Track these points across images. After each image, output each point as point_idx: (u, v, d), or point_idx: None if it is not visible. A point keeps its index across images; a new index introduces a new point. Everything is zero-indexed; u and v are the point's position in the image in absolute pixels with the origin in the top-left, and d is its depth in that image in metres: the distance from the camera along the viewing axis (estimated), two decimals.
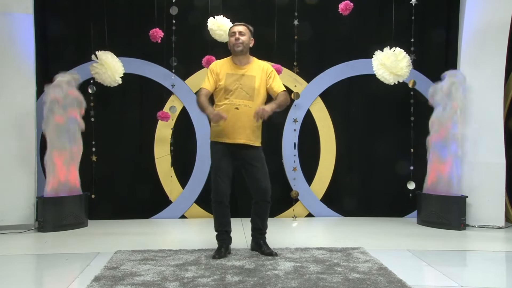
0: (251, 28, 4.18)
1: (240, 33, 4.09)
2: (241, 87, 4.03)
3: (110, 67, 5.46)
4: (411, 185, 5.96)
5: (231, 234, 4.23)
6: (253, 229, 4.27)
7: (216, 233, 4.18)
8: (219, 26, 5.34)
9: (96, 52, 5.52)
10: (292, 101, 6.00)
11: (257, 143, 4.14)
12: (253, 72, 4.11)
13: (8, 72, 5.29)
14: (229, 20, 5.40)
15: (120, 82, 5.59)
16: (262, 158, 4.16)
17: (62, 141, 5.28)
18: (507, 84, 5.81)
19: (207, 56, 5.66)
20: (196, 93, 4.22)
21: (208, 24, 5.42)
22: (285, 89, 4.21)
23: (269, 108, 3.97)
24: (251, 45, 4.17)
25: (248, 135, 4.05)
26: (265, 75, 4.13)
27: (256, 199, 4.17)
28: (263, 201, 4.16)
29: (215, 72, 4.10)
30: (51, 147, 5.27)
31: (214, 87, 4.10)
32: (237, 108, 4.00)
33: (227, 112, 3.98)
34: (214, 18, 5.40)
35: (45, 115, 5.28)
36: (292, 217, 6.02)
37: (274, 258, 4.01)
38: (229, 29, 4.21)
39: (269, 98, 4.19)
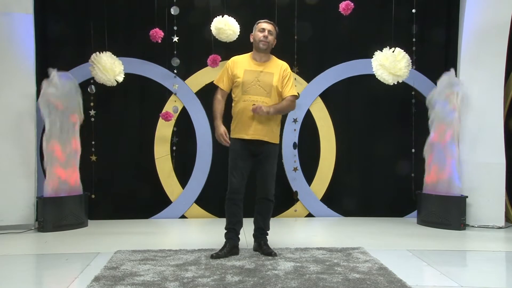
0: (277, 29, 4.24)
1: (269, 32, 4.12)
2: (259, 83, 4.06)
3: (105, 71, 5.43)
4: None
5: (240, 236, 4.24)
6: (255, 230, 4.29)
7: (225, 230, 4.20)
8: (229, 26, 5.33)
9: (92, 56, 5.51)
10: None
11: (274, 140, 4.17)
12: (272, 70, 4.13)
13: (8, 72, 5.29)
14: (234, 19, 5.41)
15: (120, 80, 5.57)
16: (275, 157, 4.20)
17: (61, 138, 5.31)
18: (507, 84, 5.81)
19: (212, 55, 5.65)
20: (214, 95, 4.21)
21: (214, 23, 5.40)
22: (295, 94, 4.21)
23: (268, 108, 3.99)
24: (273, 46, 4.21)
25: (265, 132, 4.08)
26: (282, 74, 4.14)
27: (258, 196, 4.21)
28: (265, 199, 4.19)
29: (231, 69, 4.12)
30: (52, 145, 5.28)
31: (230, 86, 4.13)
32: (254, 105, 4.01)
33: (245, 108, 4.03)
34: (222, 17, 5.39)
35: (43, 112, 5.29)
36: (294, 218, 6.03)
37: (274, 258, 4.01)
38: (257, 24, 4.19)
39: None
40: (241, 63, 4.14)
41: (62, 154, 5.31)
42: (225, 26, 5.33)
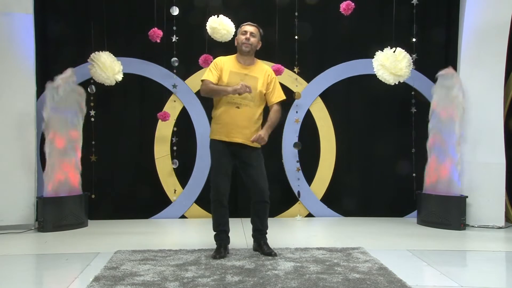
0: (261, 31, 4.20)
1: (252, 34, 4.09)
2: None
3: (104, 68, 5.43)
4: None
5: (229, 235, 4.23)
6: (253, 230, 4.27)
7: (215, 233, 4.18)
8: (224, 25, 5.34)
9: (92, 55, 5.51)
10: (293, 100, 6.04)
11: (256, 144, 4.12)
12: (256, 74, 4.12)
13: (8, 72, 5.29)
14: (229, 20, 5.41)
15: (119, 79, 5.57)
16: (260, 158, 4.16)
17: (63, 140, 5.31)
18: (507, 84, 5.81)
19: (204, 55, 5.66)
20: (200, 88, 4.20)
21: (209, 23, 5.40)
22: (284, 97, 4.22)
23: (266, 134, 4.00)
24: (258, 48, 4.19)
25: (246, 135, 4.04)
26: (267, 80, 4.13)
27: (254, 199, 4.17)
28: (261, 202, 4.16)
29: (219, 67, 4.09)
30: (53, 145, 5.29)
31: (217, 81, 4.09)
32: (237, 107, 4.01)
33: (228, 110, 4.03)
34: (218, 17, 5.39)
35: (45, 114, 5.30)
36: (298, 216, 6.05)
37: (274, 258, 4.01)
38: (240, 27, 4.19)
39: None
40: (227, 64, 4.12)
41: (63, 154, 5.32)
42: (219, 26, 5.34)
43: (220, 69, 4.09)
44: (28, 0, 5.35)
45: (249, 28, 4.13)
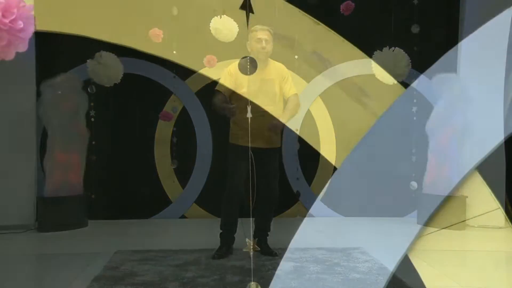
0: (272, 31, 4.08)
1: (266, 41, 3.98)
2: (263, 93, 3.97)
3: (111, 68, 5.43)
4: (414, 186, 5.91)
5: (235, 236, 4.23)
6: (255, 230, 4.27)
7: (221, 231, 4.18)
8: (226, 26, 5.33)
9: (100, 53, 5.49)
10: None
11: (277, 144, 4.13)
12: (271, 75, 4.03)
13: (8, 72, 5.28)
14: (232, 20, 5.40)
15: (118, 81, 5.56)
16: (277, 158, 4.16)
17: (64, 141, 5.30)
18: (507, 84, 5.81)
19: (208, 56, 5.65)
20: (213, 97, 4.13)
21: (212, 23, 5.39)
22: (295, 92, 4.14)
23: (281, 124, 3.93)
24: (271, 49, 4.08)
25: (271, 139, 4.03)
26: (281, 79, 4.06)
27: (262, 196, 4.15)
28: (268, 200, 4.16)
29: (234, 76, 3.98)
30: (53, 146, 5.28)
31: (230, 91, 4.00)
32: (262, 116, 3.89)
33: (253, 119, 3.92)
34: (220, 17, 5.38)
35: (46, 115, 5.30)
36: (297, 215, 6.07)
37: (274, 258, 4.02)
38: (252, 32, 4.05)
39: None
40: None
41: (63, 154, 5.32)
42: (222, 27, 5.32)
43: (235, 78, 3.97)
44: (28, 0, 5.33)
45: (262, 35, 3.99)
